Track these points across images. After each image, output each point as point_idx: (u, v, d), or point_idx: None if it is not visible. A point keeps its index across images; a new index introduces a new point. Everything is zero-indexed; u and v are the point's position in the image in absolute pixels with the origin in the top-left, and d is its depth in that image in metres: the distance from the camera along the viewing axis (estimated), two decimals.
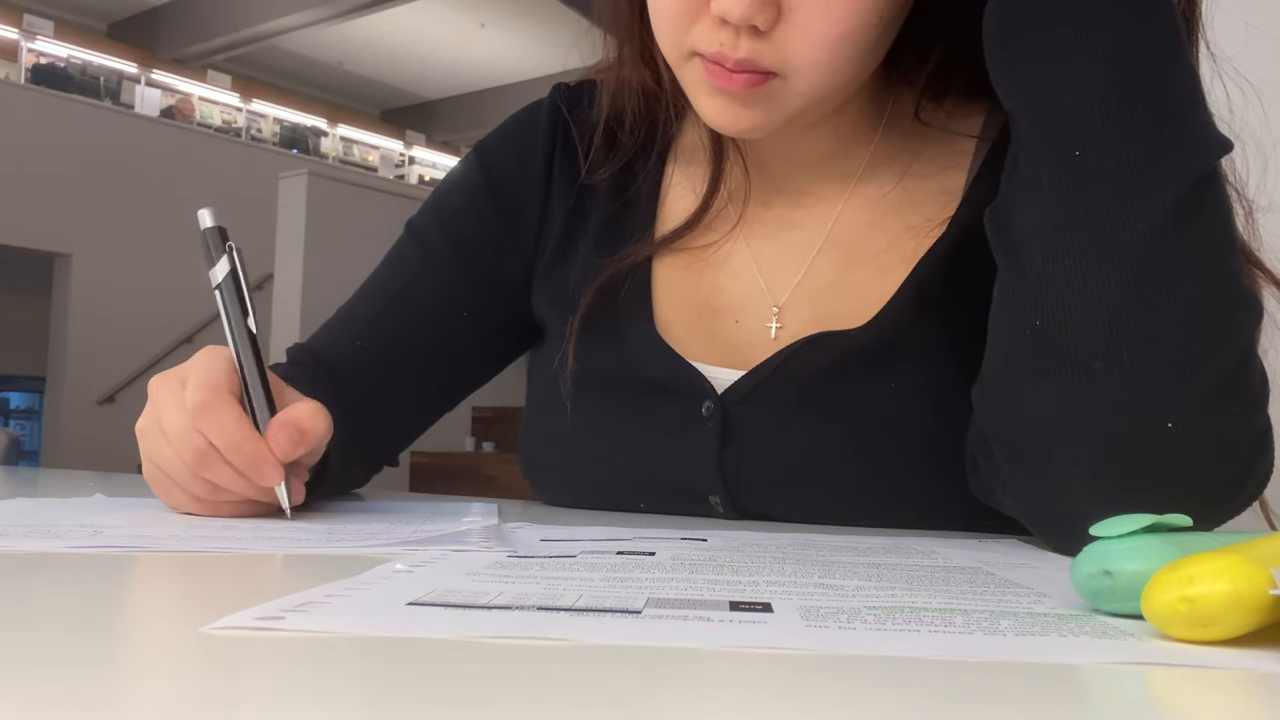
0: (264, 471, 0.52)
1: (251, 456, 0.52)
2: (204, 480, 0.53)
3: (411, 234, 0.78)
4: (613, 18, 0.69)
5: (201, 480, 0.53)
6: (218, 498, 0.54)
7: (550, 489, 0.74)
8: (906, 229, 0.66)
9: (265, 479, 0.52)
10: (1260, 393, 0.49)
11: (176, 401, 0.53)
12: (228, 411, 0.52)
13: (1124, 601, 0.29)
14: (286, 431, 0.53)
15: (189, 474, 0.53)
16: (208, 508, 0.54)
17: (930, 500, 0.61)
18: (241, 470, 0.52)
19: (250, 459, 0.52)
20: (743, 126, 0.59)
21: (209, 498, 0.54)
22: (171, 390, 0.54)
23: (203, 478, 0.53)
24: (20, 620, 0.26)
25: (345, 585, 0.31)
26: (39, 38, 8.47)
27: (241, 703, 0.19)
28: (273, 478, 0.52)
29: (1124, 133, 0.47)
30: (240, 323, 0.55)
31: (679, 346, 0.67)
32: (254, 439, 0.52)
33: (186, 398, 0.52)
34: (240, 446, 0.52)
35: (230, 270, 0.55)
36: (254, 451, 0.52)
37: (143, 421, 0.56)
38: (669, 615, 0.27)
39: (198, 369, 0.54)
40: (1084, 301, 0.47)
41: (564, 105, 0.76)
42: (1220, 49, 0.57)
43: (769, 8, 0.53)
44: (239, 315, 0.56)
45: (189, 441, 0.52)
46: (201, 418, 0.52)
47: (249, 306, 0.56)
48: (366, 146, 10.96)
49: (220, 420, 0.52)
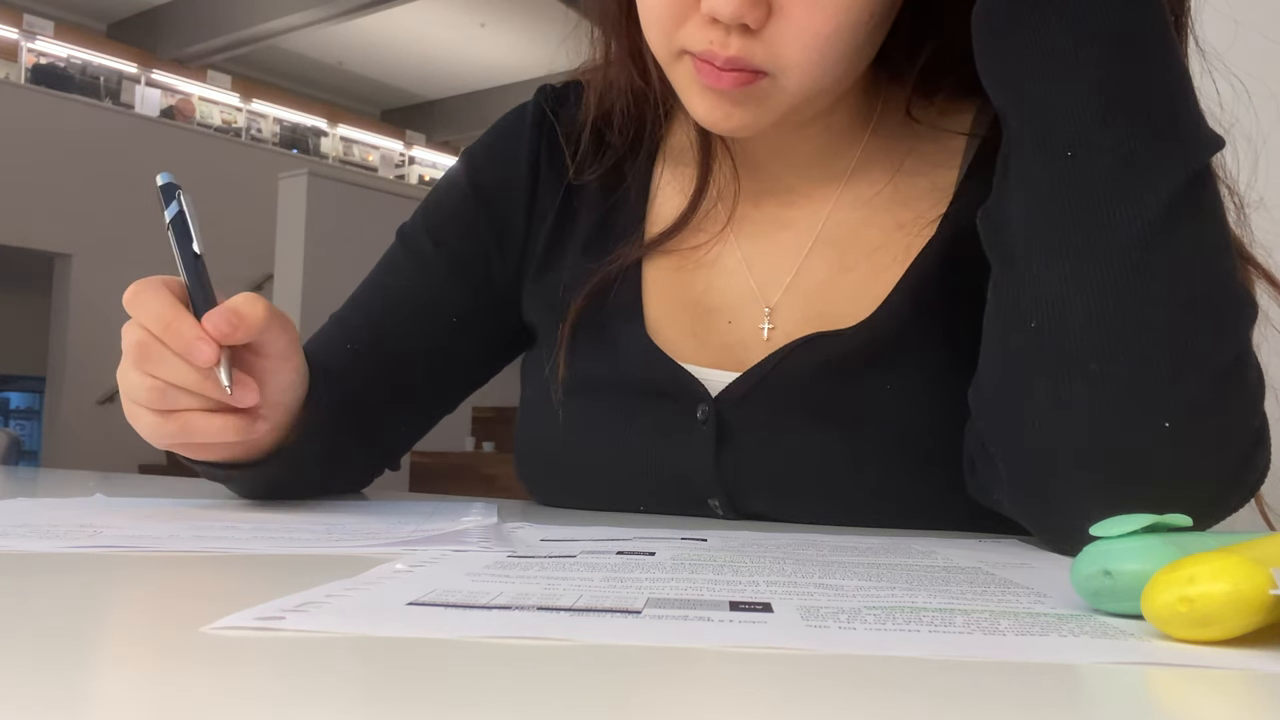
0: (198, 348, 0.52)
1: (182, 334, 0.52)
2: (152, 380, 0.54)
3: (403, 240, 0.78)
4: (600, 15, 0.69)
5: (150, 381, 0.54)
6: (171, 404, 0.54)
7: (546, 493, 0.74)
8: (898, 227, 0.66)
9: (199, 357, 0.52)
10: (1256, 390, 0.49)
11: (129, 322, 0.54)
12: (156, 295, 0.54)
13: (1124, 601, 0.29)
14: (223, 314, 0.54)
15: (139, 380, 0.54)
16: (166, 421, 0.55)
17: (928, 501, 0.61)
18: (177, 351, 0.53)
19: (182, 337, 0.52)
20: (733, 125, 0.59)
21: (161, 405, 0.54)
22: None
23: (150, 376, 0.53)
24: (20, 620, 0.26)
25: (345, 585, 0.31)
26: (39, 38, 8.47)
27: (241, 703, 0.19)
28: (207, 356, 0.52)
29: (1115, 131, 0.47)
30: (187, 248, 0.57)
31: (671, 349, 0.67)
32: (184, 316, 0.53)
33: (125, 302, 0.54)
34: (170, 323, 0.53)
35: (178, 211, 0.59)
36: (185, 329, 0.53)
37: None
38: (669, 615, 0.27)
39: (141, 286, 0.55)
40: (1078, 302, 0.47)
41: (549, 107, 0.76)
42: (1210, 45, 0.57)
43: (759, 6, 0.53)
44: (185, 244, 0.58)
45: (130, 336, 0.53)
46: (134, 305, 0.53)
47: (194, 234, 0.58)
48: (366, 146, 10.96)
49: (150, 305, 0.53)
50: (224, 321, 0.53)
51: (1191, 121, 0.49)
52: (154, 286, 0.54)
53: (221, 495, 0.71)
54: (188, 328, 0.53)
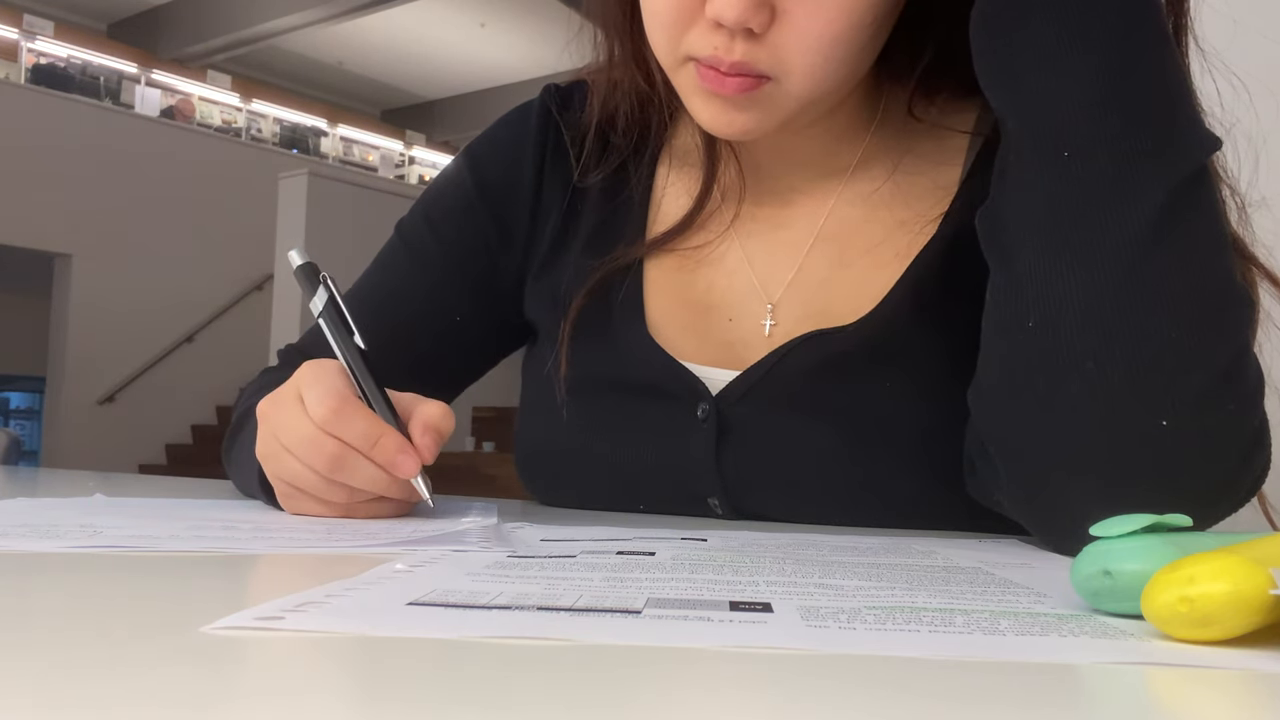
0: (403, 463, 0.54)
1: (389, 450, 0.53)
2: (339, 485, 0.54)
3: (401, 236, 0.78)
4: (603, 18, 0.69)
5: (337, 485, 0.54)
6: (353, 499, 0.55)
7: (546, 491, 0.74)
8: (899, 224, 0.66)
9: (404, 470, 0.54)
10: (1255, 389, 0.49)
11: (296, 416, 0.54)
12: (359, 412, 0.54)
13: (1124, 601, 0.29)
14: (432, 436, 0.55)
15: (323, 482, 0.54)
16: (343, 511, 0.56)
17: (928, 500, 0.61)
18: (382, 464, 0.54)
19: (389, 453, 0.53)
20: (737, 130, 0.59)
21: (345, 501, 0.55)
22: (287, 407, 0.55)
23: (338, 482, 0.54)
24: (20, 620, 0.26)
25: (345, 585, 0.31)
26: (39, 38, 8.47)
27: (242, 703, 0.19)
28: (412, 469, 0.54)
29: (1113, 132, 0.47)
30: (348, 341, 0.58)
31: (672, 347, 0.67)
32: (391, 432, 0.54)
33: (311, 409, 0.54)
34: (378, 442, 0.53)
35: (329, 298, 0.60)
36: (392, 444, 0.54)
37: (261, 446, 0.57)
38: (669, 615, 0.27)
39: (313, 383, 0.55)
40: (1077, 302, 0.47)
41: (554, 107, 0.75)
42: (1209, 45, 0.57)
43: (763, 10, 0.53)
44: (345, 336, 0.58)
45: (321, 449, 0.53)
46: (334, 423, 0.53)
47: (352, 327, 0.59)
48: (366, 146, 10.96)
49: (353, 422, 0.53)
50: (434, 443, 0.55)
51: (1189, 122, 0.49)
52: (353, 403, 0.54)
53: (221, 495, 0.71)
54: (393, 442, 0.54)
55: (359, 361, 0.57)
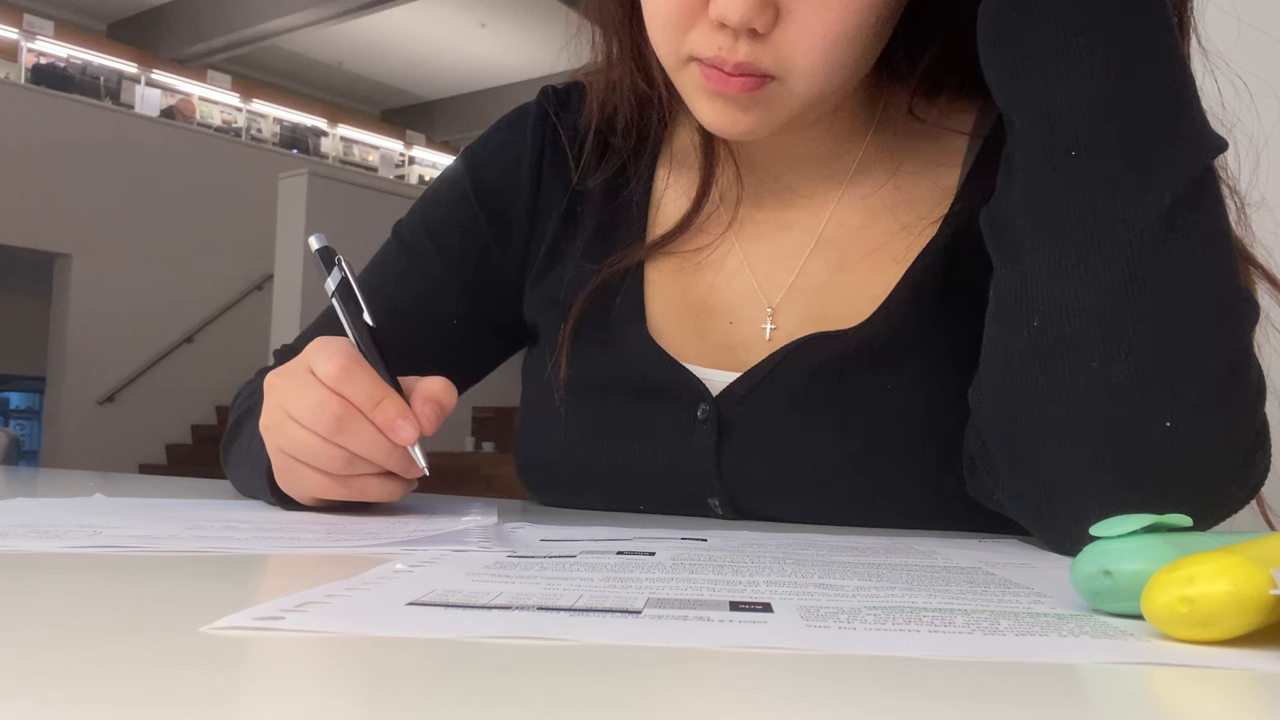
0: (403, 428, 0.54)
1: (390, 412, 0.54)
2: (338, 449, 0.54)
3: (399, 238, 0.77)
4: (602, 18, 0.69)
5: (336, 449, 0.54)
6: (351, 470, 0.55)
7: (546, 493, 0.74)
8: (901, 227, 0.66)
9: (403, 436, 0.54)
10: (1257, 391, 0.49)
11: (303, 383, 0.55)
12: (365, 373, 0.55)
13: (1124, 601, 0.29)
14: (433, 408, 0.56)
15: (323, 446, 0.54)
16: (340, 485, 0.55)
17: (928, 500, 0.61)
18: (381, 427, 0.54)
19: (389, 415, 0.54)
20: (741, 130, 0.59)
21: (342, 471, 0.55)
22: (295, 376, 0.56)
23: (337, 444, 0.54)
24: (20, 620, 0.26)
25: (345, 585, 0.31)
26: (39, 38, 8.46)
27: (241, 703, 0.19)
28: (410, 436, 0.54)
29: (1119, 132, 0.47)
30: (358, 319, 0.59)
31: (673, 349, 0.67)
32: (394, 395, 0.54)
33: (320, 368, 0.54)
34: (381, 401, 0.54)
35: (341, 279, 0.60)
36: (394, 406, 0.54)
37: (266, 417, 0.57)
38: (669, 615, 0.27)
39: (321, 352, 0.55)
40: (1080, 302, 0.47)
41: (552, 109, 0.75)
42: (1212, 44, 0.57)
43: (767, 10, 0.53)
44: (356, 313, 0.59)
45: (326, 409, 0.53)
46: (341, 380, 0.54)
47: (362, 304, 0.59)
48: (366, 146, 10.96)
49: (359, 381, 0.54)
50: (435, 414, 0.56)
51: (1195, 123, 0.49)
52: (361, 364, 0.55)
53: (221, 495, 0.71)
54: (395, 404, 0.54)
55: (367, 338, 0.58)
